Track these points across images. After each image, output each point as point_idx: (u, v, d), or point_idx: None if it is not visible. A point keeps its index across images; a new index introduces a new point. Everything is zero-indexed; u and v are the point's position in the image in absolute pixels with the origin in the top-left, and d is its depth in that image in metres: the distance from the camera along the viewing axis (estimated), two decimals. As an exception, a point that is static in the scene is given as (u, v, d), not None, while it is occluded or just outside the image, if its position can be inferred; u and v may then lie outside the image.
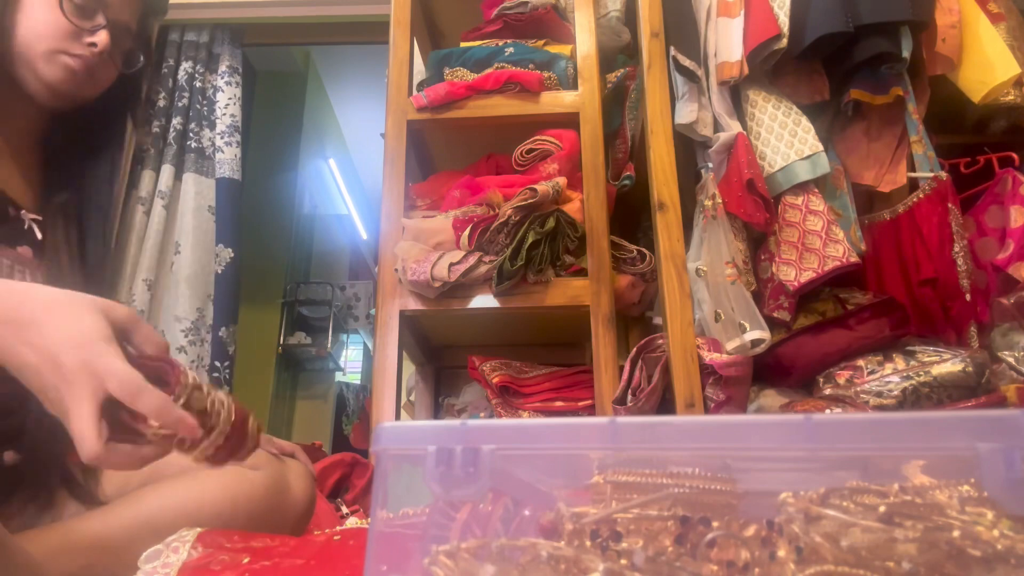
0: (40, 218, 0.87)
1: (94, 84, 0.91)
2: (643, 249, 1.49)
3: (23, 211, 0.86)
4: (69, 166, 0.94)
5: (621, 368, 1.30)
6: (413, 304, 1.36)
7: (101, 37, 0.87)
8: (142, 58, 0.96)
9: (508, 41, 1.56)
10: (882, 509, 0.24)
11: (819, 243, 1.32)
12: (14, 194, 0.86)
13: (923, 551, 0.22)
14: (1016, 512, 0.24)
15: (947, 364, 1.19)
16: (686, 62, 1.39)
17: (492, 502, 0.31)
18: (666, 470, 0.29)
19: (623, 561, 0.26)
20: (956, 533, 0.23)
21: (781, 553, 0.25)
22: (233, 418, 0.54)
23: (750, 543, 0.26)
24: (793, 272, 1.31)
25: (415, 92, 1.54)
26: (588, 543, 0.28)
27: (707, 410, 1.19)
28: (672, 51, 1.40)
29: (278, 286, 3.57)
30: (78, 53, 0.87)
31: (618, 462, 0.31)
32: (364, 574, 0.31)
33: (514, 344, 1.60)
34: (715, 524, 0.27)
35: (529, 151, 1.45)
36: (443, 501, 0.31)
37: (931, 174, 1.40)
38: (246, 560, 0.61)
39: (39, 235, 0.86)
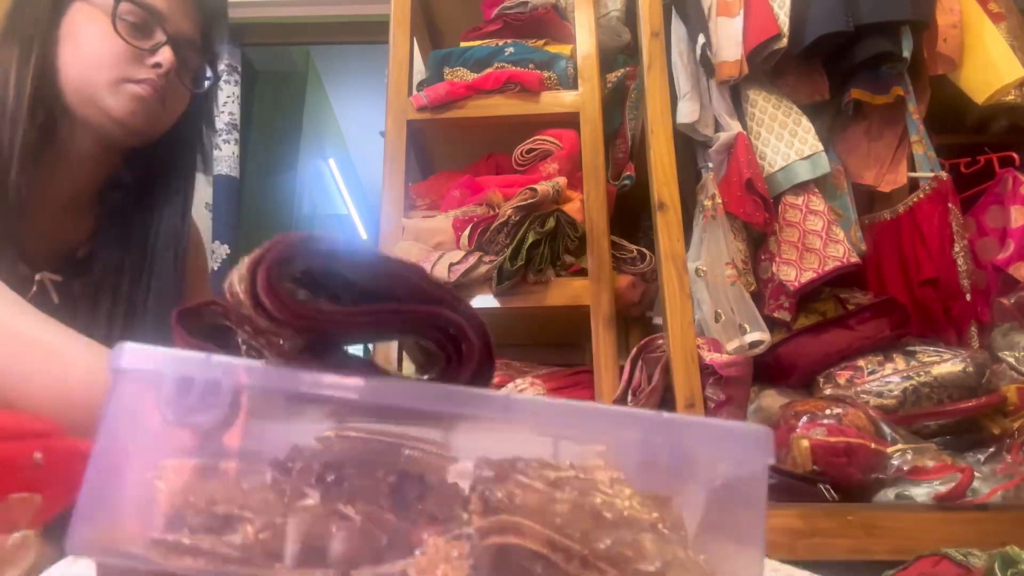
0: (59, 278, 0.79)
1: (167, 111, 0.82)
2: (643, 249, 1.49)
3: (41, 272, 0.78)
4: (133, 211, 0.85)
5: (621, 368, 1.30)
6: (413, 304, 1.36)
7: (165, 55, 0.78)
8: (210, 73, 0.87)
9: (508, 41, 1.56)
10: (552, 477, 0.31)
11: (819, 243, 1.32)
12: (38, 253, 0.78)
13: (571, 511, 0.29)
14: (645, 489, 0.32)
15: (947, 364, 1.19)
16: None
17: (231, 434, 0.33)
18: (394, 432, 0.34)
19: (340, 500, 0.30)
20: (599, 500, 0.30)
21: (472, 506, 0.30)
22: None
23: (453, 499, 0.31)
24: (793, 272, 1.31)
25: (415, 92, 1.54)
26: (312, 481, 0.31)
27: (707, 410, 1.19)
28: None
29: (278, 286, 3.56)
30: (143, 78, 0.77)
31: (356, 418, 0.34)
32: (83, 488, 0.31)
33: (514, 344, 1.60)
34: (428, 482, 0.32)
35: (529, 151, 1.45)
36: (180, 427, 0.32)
37: (931, 174, 1.40)
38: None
39: (54, 298, 0.78)
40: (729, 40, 1.39)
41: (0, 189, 0.72)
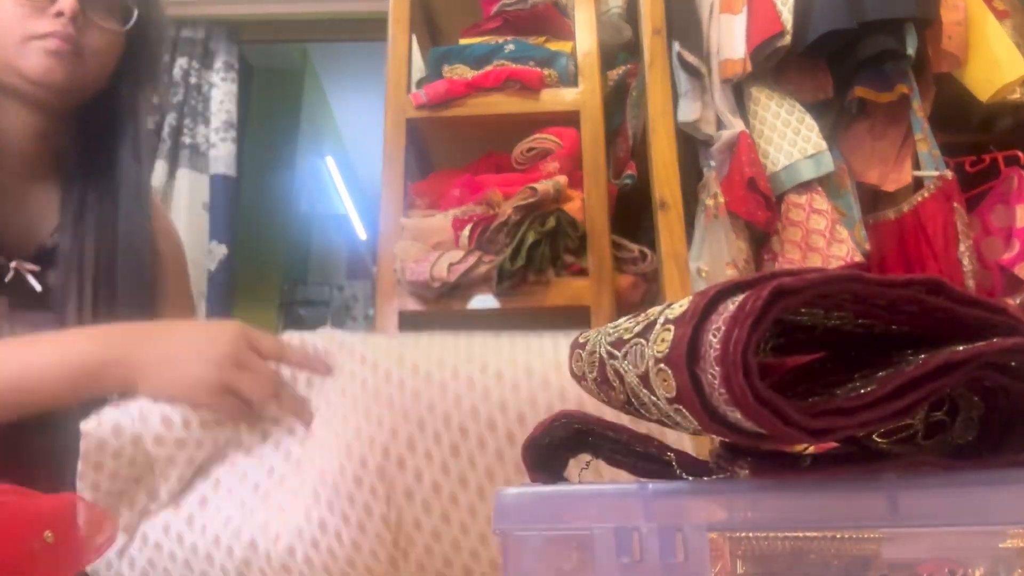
0: (37, 268, 0.75)
1: (89, 60, 0.76)
2: (645, 249, 1.47)
3: (17, 260, 0.74)
4: (89, 190, 0.80)
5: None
6: (412, 304, 1.34)
7: (64, 1, 0.71)
8: (136, 11, 0.78)
9: (508, 38, 1.54)
10: None
11: (823, 243, 1.31)
12: (12, 241, 0.74)
13: None
14: None
15: (953, 365, 1.17)
16: (690, 58, 1.37)
17: None
18: None
19: None
20: None
21: None
22: None
23: None
24: (797, 272, 1.30)
25: (414, 90, 1.53)
26: None
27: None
28: (676, 47, 1.39)
29: (275, 287, 3.55)
30: (48, 31, 0.71)
31: None
32: None
33: (514, 344, 1.58)
34: None
35: (529, 149, 1.43)
36: None
37: (936, 173, 1.39)
38: None
39: (36, 287, 0.74)
40: (732, 38, 1.38)
41: None
